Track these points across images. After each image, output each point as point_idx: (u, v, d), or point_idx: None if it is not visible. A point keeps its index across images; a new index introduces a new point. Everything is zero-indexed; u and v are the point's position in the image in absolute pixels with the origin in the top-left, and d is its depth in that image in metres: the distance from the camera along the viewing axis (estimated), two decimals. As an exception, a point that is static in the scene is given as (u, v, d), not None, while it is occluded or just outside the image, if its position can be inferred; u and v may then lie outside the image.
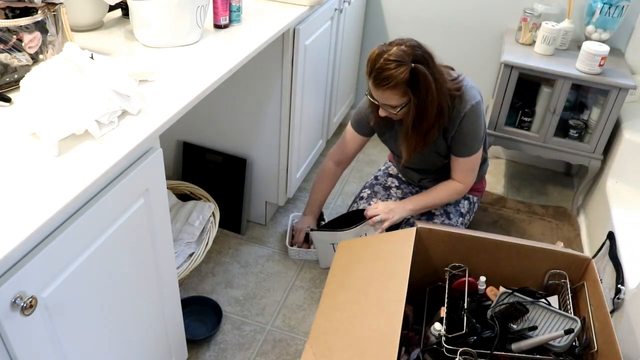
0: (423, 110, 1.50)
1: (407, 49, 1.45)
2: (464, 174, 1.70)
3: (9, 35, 1.04)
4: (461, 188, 1.72)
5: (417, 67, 1.44)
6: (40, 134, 0.92)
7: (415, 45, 1.47)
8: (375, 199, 1.83)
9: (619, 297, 1.52)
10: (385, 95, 1.50)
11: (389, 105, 1.52)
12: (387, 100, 1.51)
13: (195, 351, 1.63)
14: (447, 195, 1.72)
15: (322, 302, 1.33)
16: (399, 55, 1.44)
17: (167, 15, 1.34)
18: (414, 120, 1.53)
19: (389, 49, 1.46)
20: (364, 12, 2.55)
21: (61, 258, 0.86)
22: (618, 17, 2.10)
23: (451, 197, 1.73)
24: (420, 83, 1.45)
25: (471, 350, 1.24)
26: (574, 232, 2.20)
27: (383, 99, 1.52)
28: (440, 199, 1.73)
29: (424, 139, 1.58)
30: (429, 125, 1.54)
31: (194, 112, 1.95)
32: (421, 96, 1.47)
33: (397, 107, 1.52)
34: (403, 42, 1.47)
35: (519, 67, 2.06)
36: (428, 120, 1.53)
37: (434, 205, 1.74)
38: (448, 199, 1.73)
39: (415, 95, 1.47)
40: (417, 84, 1.45)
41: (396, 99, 1.49)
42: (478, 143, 1.64)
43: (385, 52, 1.46)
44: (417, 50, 1.46)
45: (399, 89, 1.46)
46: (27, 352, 0.83)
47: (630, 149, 2.00)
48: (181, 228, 1.73)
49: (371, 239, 1.52)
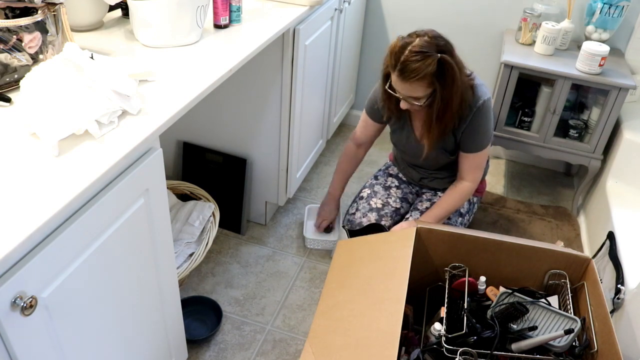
0: (448, 101, 1.50)
1: (430, 40, 1.44)
2: (472, 171, 1.70)
3: (9, 35, 1.04)
4: (469, 187, 1.72)
5: (443, 57, 1.43)
6: (40, 134, 0.92)
7: (437, 35, 1.47)
8: (374, 199, 1.83)
9: (619, 297, 1.52)
10: (411, 88, 1.48)
11: (412, 97, 1.51)
12: (413, 93, 1.49)
13: (195, 351, 1.63)
14: (458, 199, 1.72)
15: (322, 302, 1.33)
16: (424, 46, 1.43)
17: (167, 15, 1.34)
18: (438, 111, 1.52)
19: (412, 40, 1.45)
20: (364, 12, 2.55)
21: (61, 258, 0.86)
22: (618, 17, 2.10)
23: (462, 199, 1.72)
24: (446, 73, 1.45)
25: (471, 350, 1.24)
26: (574, 232, 2.20)
27: (408, 91, 1.50)
28: (453, 205, 1.72)
29: (444, 129, 1.58)
30: (452, 116, 1.54)
31: (194, 112, 1.95)
32: (447, 86, 1.47)
33: (421, 99, 1.51)
34: (425, 33, 1.46)
35: (519, 67, 2.06)
36: (452, 110, 1.53)
37: (449, 214, 1.74)
38: (460, 202, 1.73)
39: (441, 85, 1.47)
40: (444, 74, 1.45)
41: (422, 90, 1.48)
42: (487, 139, 1.65)
43: (409, 43, 1.45)
44: (440, 41, 1.46)
45: (426, 81, 1.45)
46: (27, 352, 0.83)
47: (630, 149, 2.00)
48: (181, 228, 1.73)
49: (371, 239, 1.52)
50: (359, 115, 2.88)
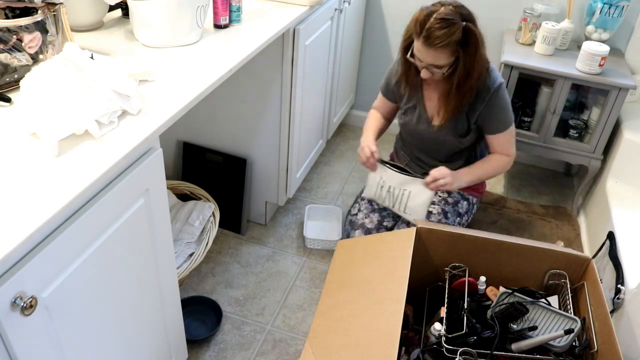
0: (470, 69, 1.53)
1: (454, 9, 1.48)
2: (507, 148, 1.73)
3: (9, 35, 1.04)
4: (507, 160, 1.74)
5: (468, 25, 1.47)
6: (40, 134, 0.92)
7: (460, 5, 1.51)
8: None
9: (619, 297, 1.52)
10: (435, 55, 1.51)
11: (435, 65, 1.54)
12: (436, 60, 1.52)
13: (195, 351, 1.63)
14: (496, 166, 1.74)
15: (322, 302, 1.33)
16: (449, 14, 1.46)
17: (167, 15, 1.34)
18: (459, 80, 1.55)
19: (437, 9, 1.49)
20: (364, 12, 2.55)
21: (61, 258, 0.86)
22: (618, 17, 2.10)
23: (500, 167, 1.75)
24: (470, 42, 1.49)
25: (471, 350, 1.24)
26: (574, 232, 2.20)
27: (432, 58, 1.52)
28: (491, 170, 1.75)
29: (462, 101, 1.61)
30: (472, 85, 1.57)
31: (194, 112, 1.95)
32: (470, 55, 1.51)
33: (444, 67, 1.54)
34: (449, 3, 1.50)
35: (519, 67, 2.06)
36: (472, 79, 1.56)
37: (485, 177, 1.76)
38: (498, 169, 1.75)
39: (464, 53, 1.50)
40: (468, 42, 1.49)
41: (445, 58, 1.51)
42: (510, 117, 1.68)
43: (434, 11, 1.48)
44: (464, 10, 1.50)
45: (450, 48, 1.48)
46: (27, 352, 0.83)
47: (630, 149, 2.00)
48: (181, 228, 1.73)
49: (371, 239, 1.52)
50: (359, 115, 2.90)
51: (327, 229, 2.14)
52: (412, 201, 1.70)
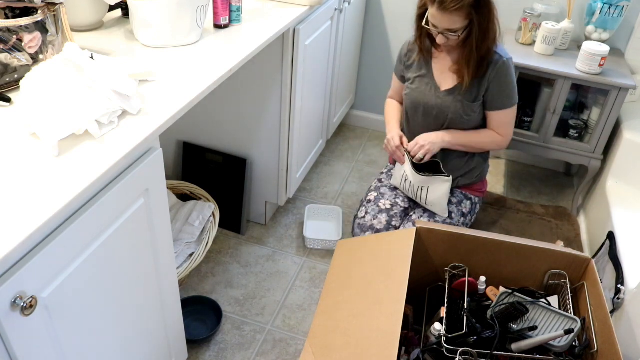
0: (486, 31, 1.57)
1: None
2: (504, 128, 1.74)
3: (9, 35, 1.05)
4: (500, 139, 1.75)
5: None
6: (40, 134, 0.92)
7: None
8: (382, 200, 1.82)
9: (619, 297, 1.52)
10: (450, 19, 1.54)
11: (450, 30, 1.57)
12: (451, 24, 1.55)
13: (195, 351, 1.63)
14: (487, 140, 1.75)
15: (322, 301, 1.33)
16: None
17: (167, 15, 1.34)
18: (477, 41, 1.58)
19: None
20: (364, 12, 2.55)
21: (61, 258, 0.86)
22: (618, 17, 2.10)
23: (491, 143, 1.76)
24: (483, 2, 1.53)
25: (471, 350, 1.24)
26: (574, 232, 2.20)
27: (448, 23, 1.55)
28: (479, 141, 1.75)
29: (478, 64, 1.63)
30: (489, 47, 1.61)
31: (194, 112, 1.95)
32: (484, 15, 1.55)
33: (459, 31, 1.57)
34: None
35: (519, 67, 2.06)
36: (489, 40, 1.60)
37: (471, 145, 1.75)
38: (488, 144, 1.76)
39: (479, 15, 1.54)
40: (480, 3, 1.53)
41: (460, 21, 1.54)
42: (514, 95, 1.70)
43: None
44: None
45: (465, 11, 1.52)
46: (27, 352, 0.83)
47: (630, 149, 2.00)
48: (181, 228, 1.73)
49: (371, 239, 1.52)
50: (359, 115, 2.90)
51: (327, 229, 2.14)
52: (432, 195, 1.73)
